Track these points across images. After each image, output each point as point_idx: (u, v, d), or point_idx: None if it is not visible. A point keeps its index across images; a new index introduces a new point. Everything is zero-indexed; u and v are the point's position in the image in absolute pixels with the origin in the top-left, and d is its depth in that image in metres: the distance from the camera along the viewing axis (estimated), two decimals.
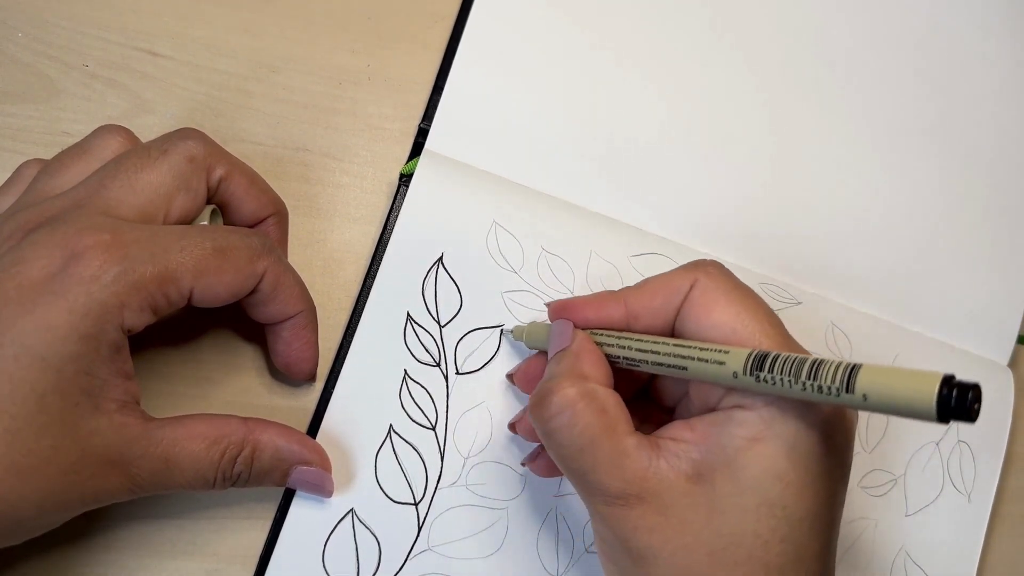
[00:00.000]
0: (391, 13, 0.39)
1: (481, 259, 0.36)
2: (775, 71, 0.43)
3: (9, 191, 0.30)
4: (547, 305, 0.32)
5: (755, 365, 0.24)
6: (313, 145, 0.37)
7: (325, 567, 0.33)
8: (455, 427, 0.35)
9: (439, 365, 0.35)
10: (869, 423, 0.40)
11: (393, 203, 0.36)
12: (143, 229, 0.27)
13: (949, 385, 0.19)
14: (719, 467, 0.25)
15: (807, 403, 0.25)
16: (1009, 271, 0.44)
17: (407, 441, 0.34)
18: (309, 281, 0.33)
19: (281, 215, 0.33)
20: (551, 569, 0.35)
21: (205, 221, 0.31)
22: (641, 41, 0.41)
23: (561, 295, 0.36)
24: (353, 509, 0.33)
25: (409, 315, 0.35)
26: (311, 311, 0.32)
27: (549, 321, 0.32)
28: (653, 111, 0.41)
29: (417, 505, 0.34)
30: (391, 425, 0.34)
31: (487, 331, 0.36)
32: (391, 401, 0.34)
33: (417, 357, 0.35)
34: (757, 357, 0.24)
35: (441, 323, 0.35)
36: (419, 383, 0.35)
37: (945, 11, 0.45)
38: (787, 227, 0.41)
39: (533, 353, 0.35)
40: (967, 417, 0.19)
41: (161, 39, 0.36)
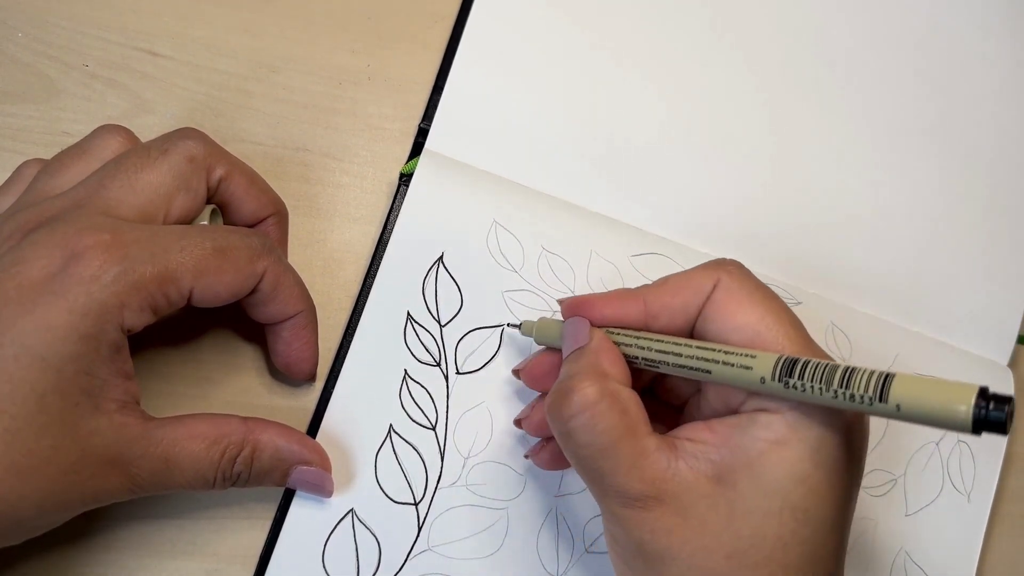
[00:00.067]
0: (391, 13, 0.39)
1: (481, 258, 0.36)
2: (775, 71, 0.43)
3: (9, 191, 0.30)
4: (560, 302, 0.31)
5: (784, 371, 0.24)
6: (313, 145, 0.37)
7: (325, 567, 0.33)
8: (455, 427, 0.35)
9: (439, 365, 0.35)
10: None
11: (393, 203, 0.36)
12: (143, 229, 0.27)
13: (985, 397, 0.19)
14: (740, 469, 0.25)
15: (833, 408, 0.25)
16: (1009, 271, 0.44)
17: (407, 441, 0.34)
18: (309, 281, 0.33)
19: (281, 215, 0.33)
20: (551, 569, 0.35)
21: (205, 221, 0.31)
22: (641, 41, 0.41)
23: (562, 295, 0.36)
24: (353, 509, 0.33)
25: (409, 315, 0.35)
26: (311, 311, 0.32)
27: (561, 318, 0.31)
28: (653, 111, 0.41)
29: (417, 505, 0.34)
30: (391, 425, 0.34)
31: (488, 331, 0.35)
32: (391, 401, 0.34)
33: (417, 357, 0.35)
34: (786, 363, 0.24)
35: (441, 323, 0.35)
36: (419, 383, 0.35)
37: (945, 11, 0.45)
38: (787, 227, 0.41)
39: (539, 349, 0.34)
40: (1001, 430, 0.19)
41: (161, 39, 0.36)
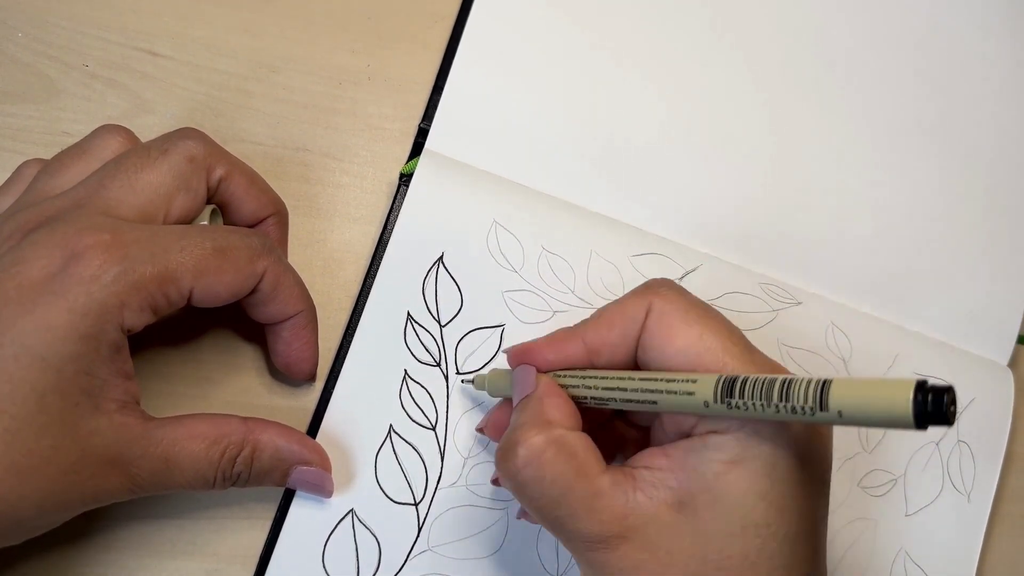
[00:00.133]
0: (391, 13, 0.39)
1: (481, 258, 0.36)
2: (775, 71, 0.43)
3: (9, 191, 0.30)
4: (505, 352, 0.31)
5: (725, 392, 0.23)
6: (313, 145, 0.37)
7: (325, 567, 0.33)
8: (455, 427, 0.35)
9: (439, 365, 0.35)
10: None
11: (393, 203, 0.36)
12: (143, 229, 0.27)
13: (923, 391, 0.19)
14: (699, 493, 0.25)
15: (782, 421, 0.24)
16: (1009, 271, 0.44)
17: (407, 441, 0.34)
18: (309, 281, 0.33)
19: (281, 215, 0.33)
20: (551, 569, 0.35)
21: (205, 221, 0.31)
22: (641, 41, 0.41)
23: (562, 294, 0.36)
24: (353, 509, 0.33)
25: (409, 315, 0.35)
26: (311, 311, 0.32)
27: (510, 367, 0.31)
28: (653, 111, 0.41)
29: (417, 505, 0.34)
30: (391, 425, 0.34)
31: (488, 331, 0.35)
32: (391, 401, 0.34)
33: (417, 357, 0.35)
34: (726, 384, 0.24)
35: (441, 323, 0.35)
36: (419, 383, 0.35)
37: (945, 11, 0.45)
38: (787, 227, 0.41)
39: (497, 401, 0.33)
40: (944, 421, 0.19)
41: (161, 39, 0.36)
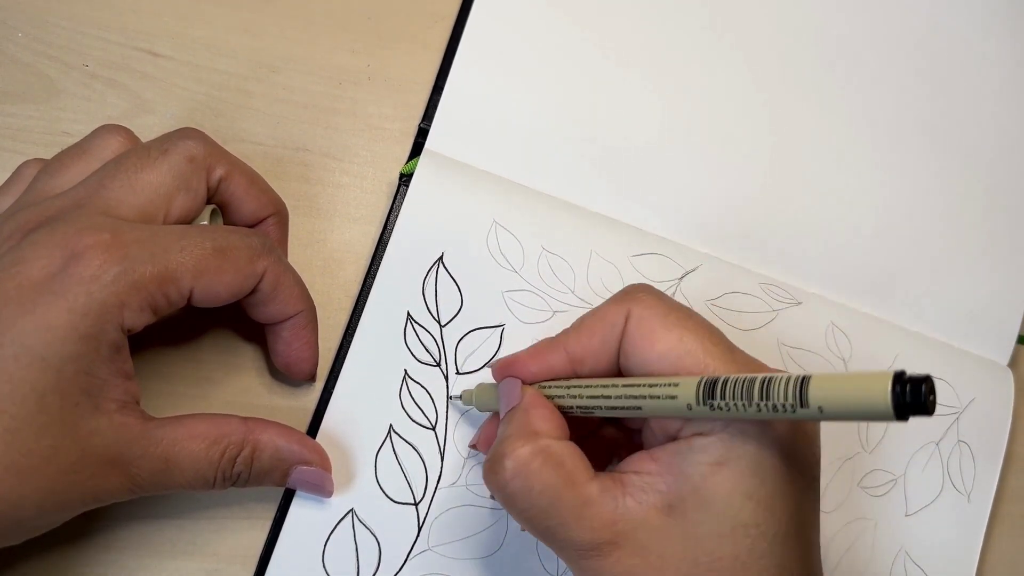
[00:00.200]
0: (391, 13, 0.39)
1: (481, 258, 0.36)
2: (775, 71, 0.43)
3: (9, 191, 0.30)
4: (491, 367, 0.31)
5: (706, 394, 0.24)
6: (313, 145, 0.37)
7: (325, 567, 0.33)
8: (455, 427, 0.35)
9: (439, 365, 0.35)
10: (869, 422, 0.40)
11: (393, 203, 0.36)
12: (143, 229, 0.27)
13: (901, 382, 0.19)
14: (687, 495, 0.25)
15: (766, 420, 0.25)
16: (1009, 271, 0.44)
17: (407, 441, 0.34)
18: (309, 281, 0.33)
19: (281, 215, 0.33)
20: (551, 569, 0.35)
21: (205, 221, 0.31)
22: (641, 41, 0.41)
23: (562, 294, 0.36)
24: (353, 509, 0.33)
25: (409, 315, 0.35)
26: (311, 311, 0.32)
27: (495, 381, 0.31)
28: (653, 111, 0.41)
29: (417, 505, 0.34)
30: (391, 425, 0.34)
31: (488, 331, 0.35)
32: (391, 401, 0.34)
33: (417, 357, 0.35)
34: (707, 385, 0.24)
35: (441, 323, 0.35)
36: (419, 383, 0.35)
37: (945, 11, 0.45)
38: (787, 227, 0.41)
39: (487, 416, 0.34)
40: (924, 411, 0.19)
41: (161, 39, 0.36)
